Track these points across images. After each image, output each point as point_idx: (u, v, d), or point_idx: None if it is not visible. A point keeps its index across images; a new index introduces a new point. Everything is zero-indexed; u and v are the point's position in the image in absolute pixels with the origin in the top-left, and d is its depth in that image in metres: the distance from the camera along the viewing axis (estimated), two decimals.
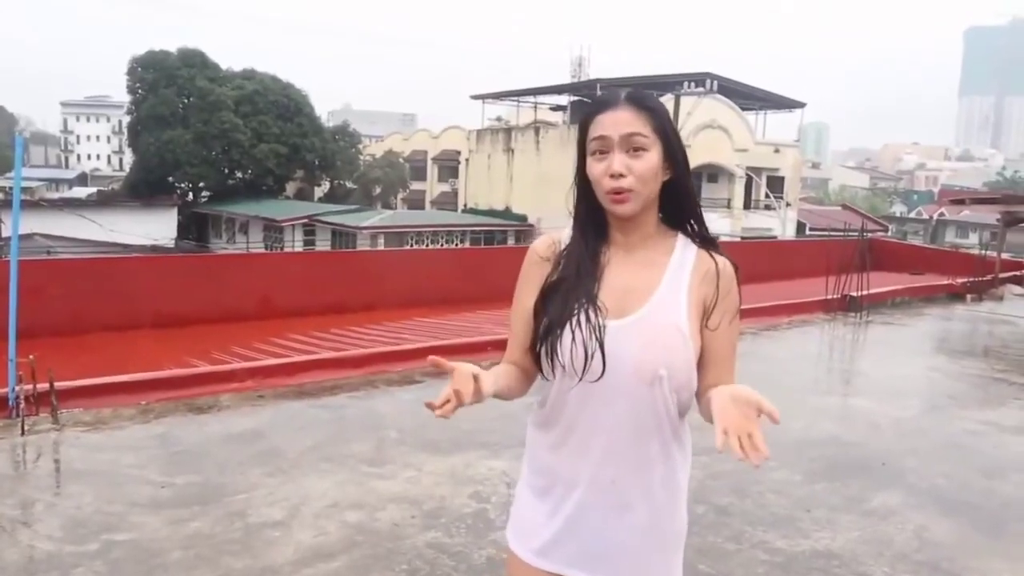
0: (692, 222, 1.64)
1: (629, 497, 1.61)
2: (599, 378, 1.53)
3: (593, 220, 1.61)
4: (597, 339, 1.52)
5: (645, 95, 1.58)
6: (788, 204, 38.55)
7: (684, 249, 1.62)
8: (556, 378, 1.59)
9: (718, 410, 1.42)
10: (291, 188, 44.86)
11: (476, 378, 1.48)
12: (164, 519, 3.72)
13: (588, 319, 1.53)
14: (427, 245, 31.91)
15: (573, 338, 1.53)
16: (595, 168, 1.55)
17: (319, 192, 45.64)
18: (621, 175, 1.52)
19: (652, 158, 1.53)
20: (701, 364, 1.59)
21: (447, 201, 44.92)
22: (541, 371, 1.63)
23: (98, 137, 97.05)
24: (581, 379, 1.54)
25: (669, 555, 1.68)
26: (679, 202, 1.62)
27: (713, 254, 1.61)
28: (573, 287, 1.58)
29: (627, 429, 1.57)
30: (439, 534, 3.68)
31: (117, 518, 3.72)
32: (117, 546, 3.45)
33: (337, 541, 3.57)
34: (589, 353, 1.52)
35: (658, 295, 1.56)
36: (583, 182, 1.60)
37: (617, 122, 1.53)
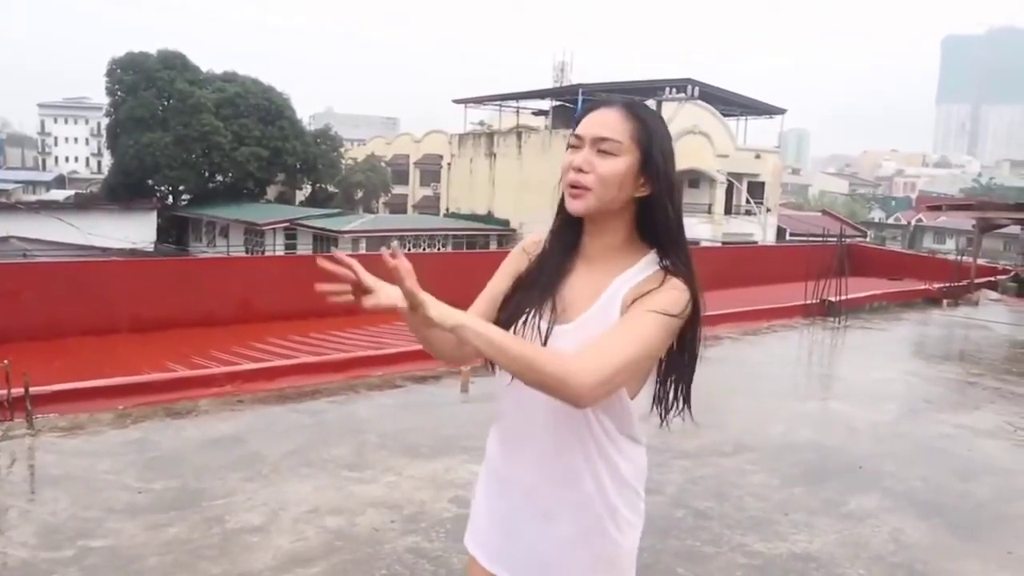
0: (670, 248, 1.55)
1: (550, 508, 1.58)
2: (511, 380, 1.48)
3: (568, 225, 1.61)
4: (539, 339, 1.52)
5: (642, 106, 1.57)
6: (768, 209, 38.81)
7: (645, 265, 1.55)
8: (498, 374, 1.56)
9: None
10: (272, 192, 44.67)
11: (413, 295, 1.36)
12: (141, 525, 3.69)
13: (535, 321, 1.54)
14: (409, 249, 31.85)
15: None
16: (564, 160, 1.55)
17: (300, 196, 45.49)
18: (581, 170, 1.51)
19: (619, 164, 1.50)
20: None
21: (429, 205, 44.89)
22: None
23: (76, 139, 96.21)
24: (511, 380, 1.48)
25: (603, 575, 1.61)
26: (654, 222, 1.56)
27: (669, 275, 1.51)
28: (531, 287, 1.59)
29: (549, 438, 1.55)
30: (419, 539, 3.67)
31: (93, 524, 3.68)
32: (93, 552, 3.41)
33: (316, 546, 3.56)
34: None
35: (595, 307, 1.53)
36: None
37: (597, 123, 1.53)
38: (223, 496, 4.06)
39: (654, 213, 1.55)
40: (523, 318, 1.55)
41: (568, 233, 1.61)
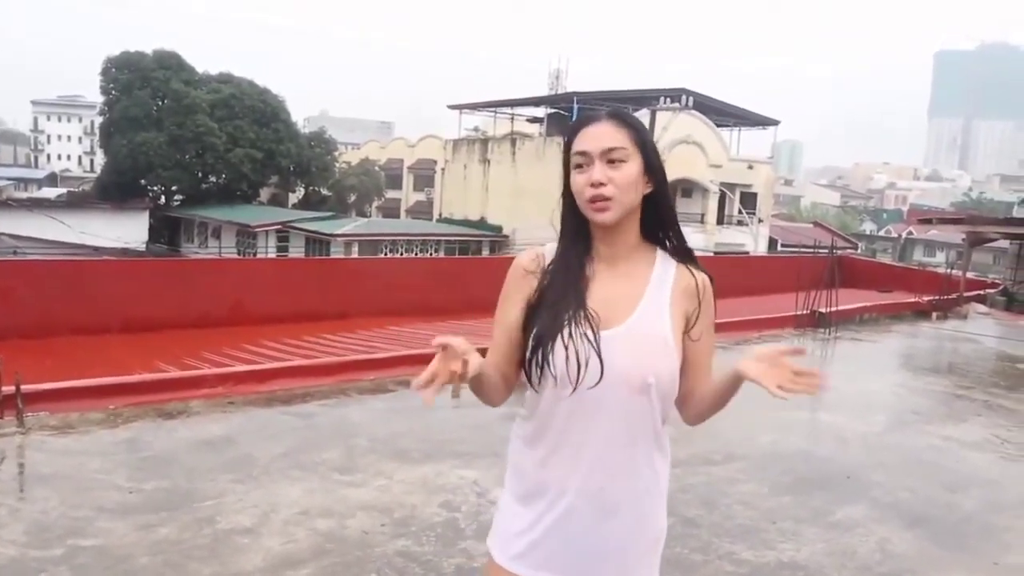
0: (672, 236, 1.71)
1: (616, 503, 1.65)
2: (595, 385, 1.58)
3: (579, 234, 1.67)
4: (594, 348, 1.57)
5: (626, 113, 1.66)
6: (760, 220, 38.95)
7: (664, 263, 1.69)
8: (547, 389, 1.62)
9: (753, 373, 1.56)
10: (265, 194, 44.54)
11: (465, 356, 1.46)
12: (131, 524, 3.69)
13: (580, 329, 1.58)
14: (402, 254, 31.84)
15: (566, 349, 1.57)
16: (578, 180, 1.62)
17: (293, 198, 45.36)
18: (601, 184, 1.59)
19: (631, 169, 1.60)
20: (683, 371, 1.66)
21: (422, 210, 44.87)
22: (530, 383, 1.65)
23: (69, 137, 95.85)
24: (575, 389, 1.58)
25: (651, 558, 1.73)
26: (659, 215, 1.69)
27: (692, 269, 1.70)
28: (562, 299, 1.62)
29: (616, 437, 1.62)
30: (409, 542, 3.69)
31: (83, 523, 3.69)
32: (83, 551, 3.41)
33: (306, 548, 3.57)
34: (583, 362, 1.56)
35: (642, 306, 1.64)
36: (569, 197, 1.66)
37: (598, 136, 1.61)
38: (214, 497, 4.07)
39: (659, 207, 1.69)
40: (567, 329, 1.59)
41: (581, 241, 1.68)
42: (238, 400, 5.85)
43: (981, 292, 16.41)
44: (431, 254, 32.53)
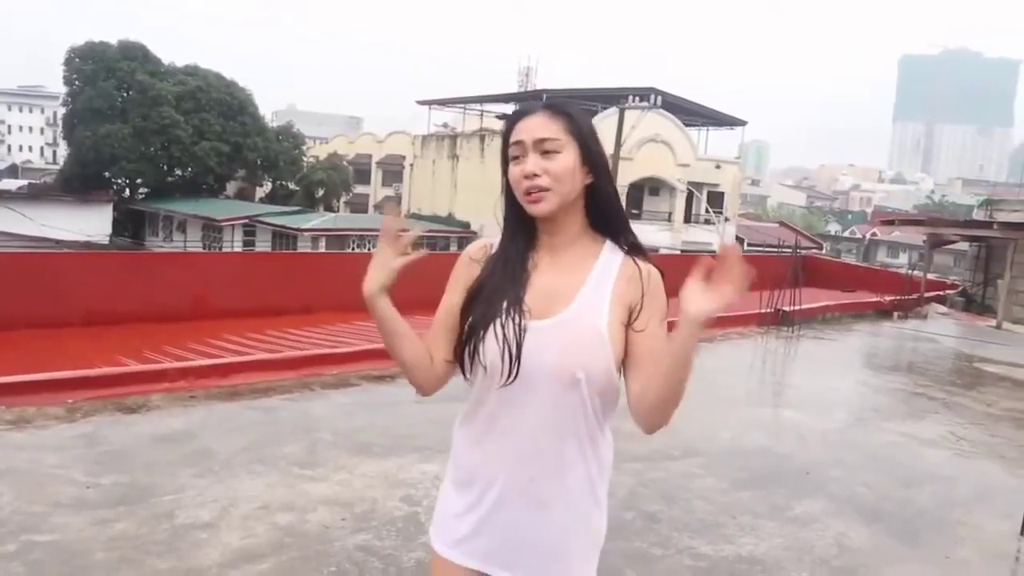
0: (618, 227, 1.68)
1: (546, 496, 1.62)
2: (513, 380, 1.56)
3: (521, 225, 1.65)
4: (516, 341, 1.56)
5: (562, 103, 1.64)
6: (727, 219, 39.31)
7: (611, 254, 1.65)
8: (478, 379, 1.63)
9: (698, 304, 1.47)
10: (232, 188, 44.07)
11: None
12: (88, 520, 3.64)
13: (513, 320, 1.57)
14: (369, 249, 31.64)
15: (496, 339, 1.57)
16: (514, 172, 1.60)
17: (260, 193, 44.94)
18: (535, 175, 1.57)
19: (566, 159, 1.57)
20: (632, 366, 1.60)
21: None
22: (463, 372, 1.65)
23: (31, 128, 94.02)
24: (504, 380, 1.57)
25: (585, 559, 1.69)
26: (603, 206, 1.66)
27: (638, 260, 1.64)
28: (498, 289, 1.61)
29: (545, 430, 1.59)
30: (369, 537, 3.67)
31: (38, 518, 3.62)
32: (37, 547, 3.36)
33: (265, 543, 3.54)
34: (512, 354, 1.56)
35: (580, 298, 1.59)
36: (510, 190, 1.64)
37: (530, 127, 1.59)
38: (173, 492, 4.02)
39: (601, 197, 1.65)
40: (499, 319, 1.58)
41: (523, 231, 1.66)
42: (199, 394, 5.78)
43: (941, 293, 16.73)
44: None
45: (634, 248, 1.67)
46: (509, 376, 1.56)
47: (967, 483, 5.32)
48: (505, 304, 1.59)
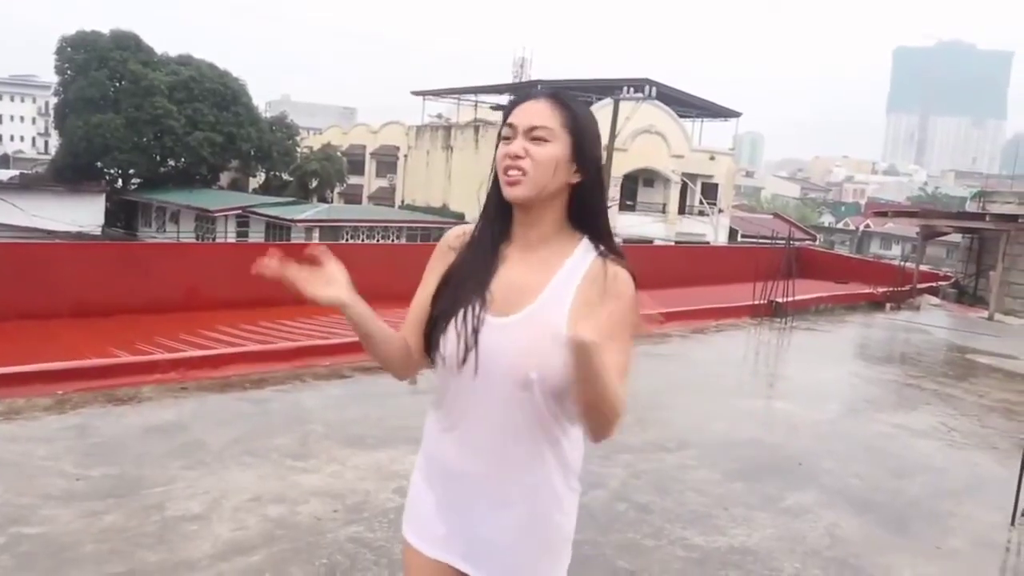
0: (598, 229, 1.63)
1: (505, 494, 1.60)
2: (472, 374, 1.54)
3: (498, 214, 1.62)
4: (474, 335, 1.54)
5: (566, 95, 1.59)
6: (721, 211, 39.37)
7: (584, 254, 1.60)
8: (439, 369, 1.61)
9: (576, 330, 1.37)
10: (225, 178, 43.90)
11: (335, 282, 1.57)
12: (77, 512, 3.62)
13: (471, 314, 1.55)
14: (363, 240, 31.62)
15: (456, 332, 1.55)
16: (499, 151, 1.57)
17: (254, 183, 44.76)
18: (518, 156, 1.53)
19: (552, 149, 1.54)
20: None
21: (384, 197, 44.57)
22: (431, 360, 1.64)
23: (22, 118, 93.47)
24: (460, 373, 1.56)
25: (550, 560, 1.66)
26: (587, 208, 1.62)
27: (609, 262, 1.58)
28: (465, 280, 1.59)
29: (503, 428, 1.57)
30: (361, 528, 3.67)
31: (28, 511, 3.60)
32: (27, 539, 3.34)
33: (256, 535, 3.53)
34: (467, 349, 1.54)
35: (543, 297, 1.55)
36: (496, 175, 1.61)
37: (527, 113, 1.56)
38: (163, 484, 4.00)
39: (587, 199, 1.61)
40: (461, 311, 1.55)
41: (499, 223, 1.62)
42: (191, 386, 5.76)
43: (934, 284, 16.77)
44: (393, 241, 32.36)
45: (610, 250, 1.61)
46: (462, 370, 1.55)
47: (958, 474, 5.34)
48: (469, 296, 1.56)
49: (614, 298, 1.53)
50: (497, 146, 1.60)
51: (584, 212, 1.62)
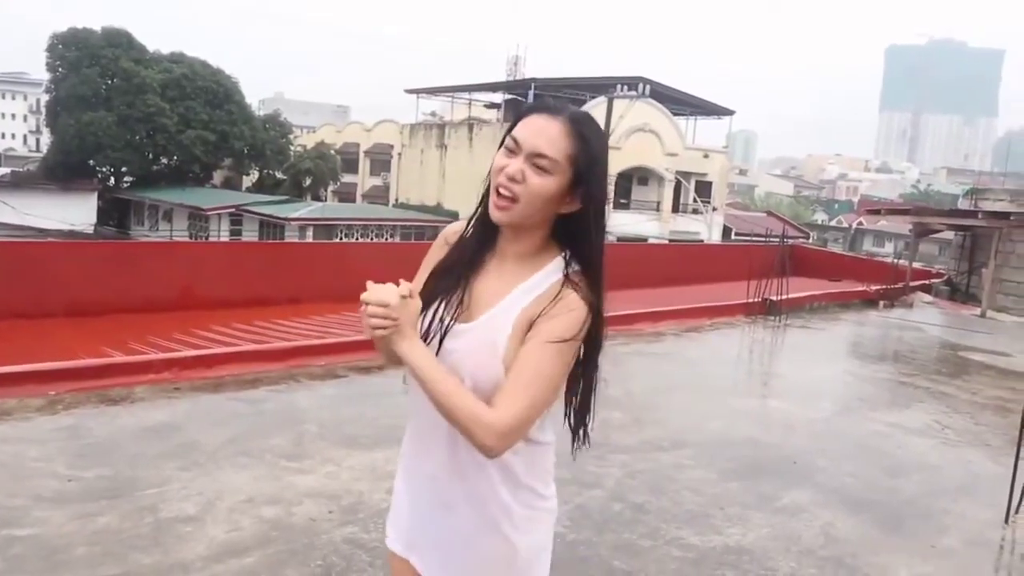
0: (578, 257, 1.57)
1: (447, 499, 1.61)
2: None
3: (488, 221, 1.58)
4: (439, 334, 1.54)
5: (587, 121, 1.52)
6: (715, 209, 39.42)
7: (548, 274, 1.55)
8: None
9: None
10: (218, 177, 43.82)
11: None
12: (70, 514, 3.60)
13: (436, 318, 1.56)
14: (357, 239, 31.57)
15: (423, 332, 1.55)
16: (499, 160, 1.52)
17: (247, 182, 44.69)
18: (514, 180, 1.48)
19: (550, 183, 1.49)
20: None
21: (378, 195, 44.51)
22: None
23: (13, 115, 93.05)
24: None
25: (501, 569, 1.62)
26: (575, 237, 1.56)
27: (567, 284, 1.52)
28: (440, 282, 1.60)
29: (444, 432, 1.56)
30: (356, 529, 3.65)
31: (20, 512, 3.58)
32: (18, 541, 3.32)
33: (251, 536, 3.51)
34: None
35: (495, 310, 1.54)
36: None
37: (537, 132, 1.49)
38: (157, 485, 3.98)
39: (577, 228, 1.56)
40: (432, 308, 1.56)
41: (487, 229, 1.60)
42: (184, 386, 5.73)
43: (927, 282, 16.80)
44: (387, 239, 32.30)
45: (582, 274, 1.54)
46: None
47: (952, 472, 5.35)
48: (439, 299, 1.57)
49: (548, 319, 1.49)
50: (500, 147, 1.55)
51: (572, 237, 1.57)
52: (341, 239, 30.45)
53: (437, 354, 1.53)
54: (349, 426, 5.13)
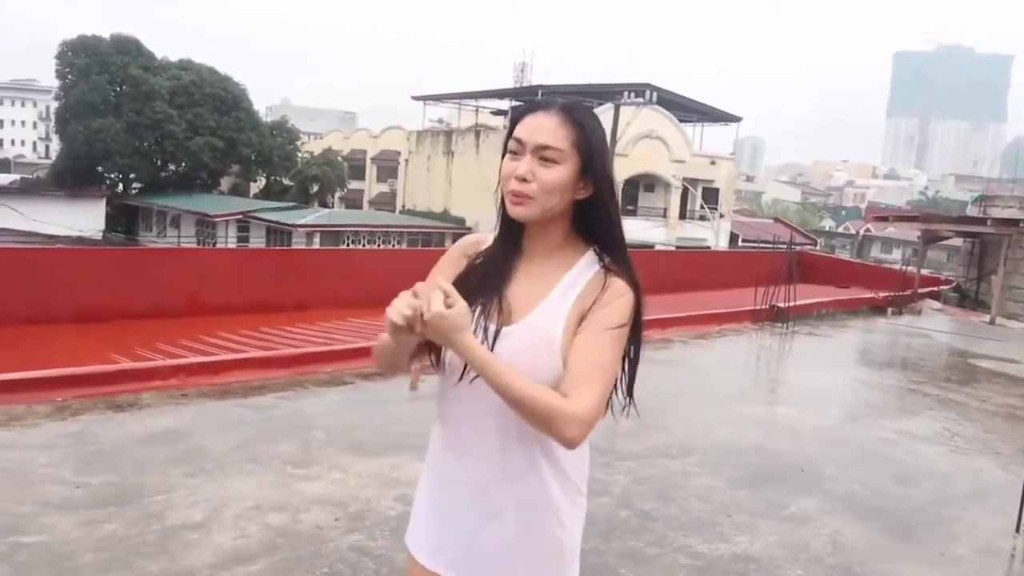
0: (607, 244, 1.61)
1: (497, 505, 1.59)
2: (475, 379, 1.51)
3: (510, 227, 1.62)
4: (487, 342, 1.53)
5: (580, 109, 1.57)
6: (722, 215, 39.34)
7: (586, 267, 1.59)
8: (441, 376, 1.62)
9: None
10: (226, 183, 43.93)
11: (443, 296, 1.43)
12: (77, 520, 3.60)
13: (482, 322, 1.54)
14: (364, 245, 31.62)
15: None
16: (506, 167, 1.56)
17: (255, 188, 44.78)
18: (524, 180, 1.52)
19: (561, 172, 1.53)
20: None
21: (385, 202, 44.56)
22: (433, 366, 1.65)
23: (23, 122, 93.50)
24: (460, 379, 1.55)
25: (550, 572, 1.64)
26: (595, 221, 1.61)
27: (610, 273, 1.57)
28: (475, 290, 1.58)
29: (494, 436, 1.56)
30: (362, 537, 3.64)
31: (27, 519, 3.58)
32: (25, 548, 3.32)
33: (257, 543, 3.51)
34: None
35: (540, 308, 1.56)
36: None
37: (537, 129, 1.53)
38: (164, 492, 3.98)
39: (595, 213, 1.59)
40: (472, 317, 1.54)
41: (511, 235, 1.63)
42: (191, 392, 5.74)
43: (935, 289, 16.75)
44: (393, 246, 32.34)
45: (616, 262, 1.59)
46: (462, 377, 1.55)
47: (962, 480, 5.31)
48: (477, 305, 1.56)
49: (603, 306, 1.53)
50: (504, 156, 1.58)
51: (592, 225, 1.61)
52: (348, 245, 30.50)
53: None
54: (356, 433, 5.13)
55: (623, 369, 1.63)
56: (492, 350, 1.52)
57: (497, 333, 1.54)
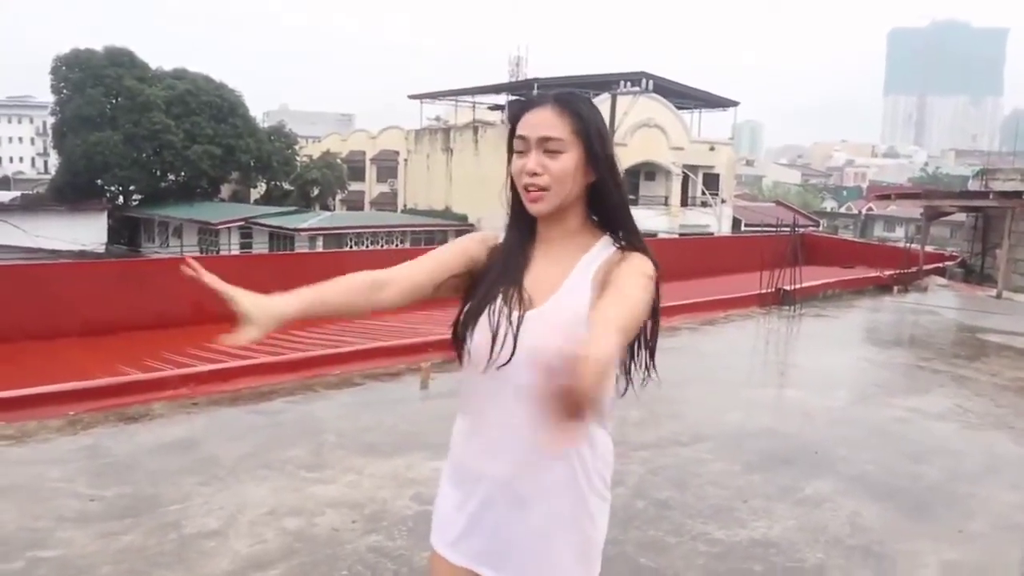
0: (620, 227, 1.67)
1: (525, 494, 1.60)
2: (505, 364, 1.54)
3: (522, 218, 1.66)
4: (512, 328, 1.54)
5: (573, 97, 1.61)
6: (724, 201, 39.30)
7: (603, 248, 1.65)
8: (465, 366, 1.64)
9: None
10: (226, 190, 43.99)
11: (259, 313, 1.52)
12: (93, 533, 3.60)
13: (505, 309, 1.57)
14: (367, 246, 31.62)
15: (487, 324, 1.57)
16: (515, 165, 1.62)
17: (255, 194, 44.82)
18: (536, 173, 1.57)
19: (568, 160, 1.58)
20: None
21: (386, 202, 44.58)
22: (458, 358, 1.67)
23: (20, 139, 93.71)
24: (487, 367, 1.56)
25: (577, 561, 1.64)
26: (605, 204, 1.66)
27: (627, 252, 1.63)
28: (496, 279, 1.62)
29: (524, 424, 1.54)
30: (380, 538, 3.64)
31: (43, 534, 3.59)
32: (43, 563, 3.32)
33: (275, 549, 3.51)
34: (497, 341, 1.55)
35: (564, 288, 1.59)
36: (513, 181, 1.65)
37: (537, 123, 1.58)
38: (178, 501, 3.99)
39: (603, 196, 1.65)
40: (490, 308, 1.58)
41: (524, 226, 1.67)
42: (202, 400, 5.74)
43: (940, 265, 16.68)
44: (396, 245, 32.35)
45: (631, 244, 1.65)
46: (488, 362, 1.55)
47: (976, 455, 5.29)
48: (499, 293, 1.59)
49: (629, 264, 1.57)
50: (509, 159, 1.63)
51: (602, 208, 1.66)
52: (351, 247, 30.50)
53: (504, 343, 1.54)
54: (368, 434, 5.13)
55: (642, 345, 1.68)
56: (516, 335, 1.54)
57: (521, 319, 1.56)
